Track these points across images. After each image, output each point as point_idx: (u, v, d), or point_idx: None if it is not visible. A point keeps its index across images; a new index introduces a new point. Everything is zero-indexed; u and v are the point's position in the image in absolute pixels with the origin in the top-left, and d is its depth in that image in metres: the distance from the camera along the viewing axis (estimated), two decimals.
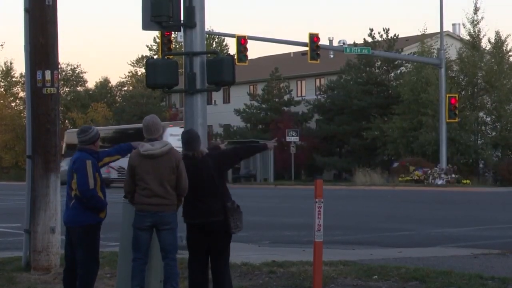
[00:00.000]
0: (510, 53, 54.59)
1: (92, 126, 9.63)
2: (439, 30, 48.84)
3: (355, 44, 55.38)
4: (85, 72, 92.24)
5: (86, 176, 9.04)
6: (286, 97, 64.90)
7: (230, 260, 9.19)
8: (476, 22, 53.61)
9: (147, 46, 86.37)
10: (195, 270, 8.96)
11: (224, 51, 75.96)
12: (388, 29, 59.35)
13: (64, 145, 51.63)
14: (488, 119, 54.40)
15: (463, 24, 55.98)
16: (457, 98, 47.37)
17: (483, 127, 54.39)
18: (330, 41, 62.38)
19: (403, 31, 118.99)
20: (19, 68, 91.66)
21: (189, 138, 9.00)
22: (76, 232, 9.14)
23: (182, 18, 14.62)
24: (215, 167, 8.85)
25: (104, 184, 9.33)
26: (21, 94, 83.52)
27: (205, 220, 8.79)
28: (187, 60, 14.63)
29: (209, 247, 8.90)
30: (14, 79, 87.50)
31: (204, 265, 8.99)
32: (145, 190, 8.91)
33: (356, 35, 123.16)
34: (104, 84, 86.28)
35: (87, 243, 9.13)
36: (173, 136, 44.77)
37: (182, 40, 15.48)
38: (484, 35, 54.67)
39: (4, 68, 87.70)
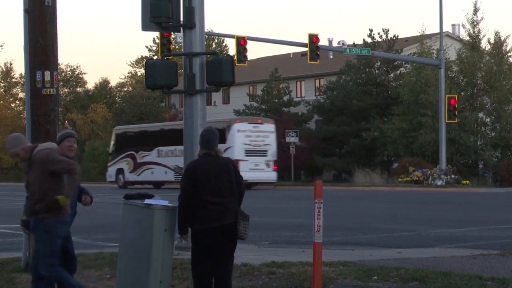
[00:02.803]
0: (509, 54, 54.59)
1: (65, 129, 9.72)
2: (438, 31, 48.83)
3: (354, 45, 55.41)
4: (84, 73, 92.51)
5: None
6: (285, 98, 64.87)
7: None
8: (475, 23, 53.60)
9: (147, 47, 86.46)
10: (202, 274, 8.70)
11: (224, 52, 75.92)
12: (388, 30, 59.41)
13: None
14: (488, 119, 54.41)
15: (463, 25, 56.05)
16: (456, 99, 47.36)
17: (482, 127, 54.39)
18: (330, 41, 62.52)
19: (403, 31, 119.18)
20: (19, 69, 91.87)
21: (211, 137, 8.76)
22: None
23: (181, 19, 14.62)
24: (233, 170, 8.72)
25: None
26: (21, 95, 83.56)
27: (219, 223, 8.52)
28: (186, 61, 14.63)
29: (220, 250, 8.64)
30: (13, 79, 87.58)
31: (210, 269, 8.71)
32: None
33: (355, 35, 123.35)
34: (103, 85, 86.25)
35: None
36: (240, 132, 45.88)
37: (182, 40, 15.47)
38: (483, 36, 54.66)
39: (4, 69, 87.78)
